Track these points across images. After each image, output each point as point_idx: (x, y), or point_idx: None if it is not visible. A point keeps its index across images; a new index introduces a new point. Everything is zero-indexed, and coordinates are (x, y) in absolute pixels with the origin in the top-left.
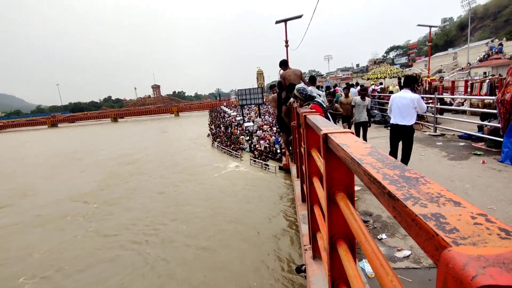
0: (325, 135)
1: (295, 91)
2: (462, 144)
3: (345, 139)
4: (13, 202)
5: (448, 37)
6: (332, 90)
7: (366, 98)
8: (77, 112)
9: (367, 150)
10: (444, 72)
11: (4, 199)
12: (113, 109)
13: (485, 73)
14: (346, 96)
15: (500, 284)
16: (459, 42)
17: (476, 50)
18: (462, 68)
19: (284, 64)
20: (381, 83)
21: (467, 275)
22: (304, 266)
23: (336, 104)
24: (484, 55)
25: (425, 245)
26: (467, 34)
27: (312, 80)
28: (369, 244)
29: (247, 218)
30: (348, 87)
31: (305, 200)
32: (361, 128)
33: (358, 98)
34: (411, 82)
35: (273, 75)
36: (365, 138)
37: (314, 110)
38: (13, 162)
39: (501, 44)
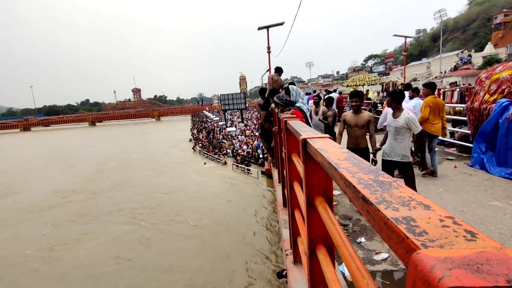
0: (304, 140)
1: (275, 98)
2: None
3: (323, 144)
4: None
5: (422, 47)
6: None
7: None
8: (52, 115)
9: (344, 155)
10: (418, 80)
11: None
12: (91, 113)
13: (454, 82)
14: (317, 105)
15: (465, 286)
16: (432, 52)
17: (448, 60)
18: (436, 77)
19: (279, 70)
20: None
21: (434, 277)
22: (285, 271)
23: (330, 111)
24: (455, 65)
25: (396, 248)
26: (440, 45)
27: (286, 90)
28: (346, 247)
29: (228, 221)
30: (329, 91)
31: (286, 205)
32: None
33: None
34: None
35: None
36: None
37: (294, 116)
38: None
39: (470, 55)
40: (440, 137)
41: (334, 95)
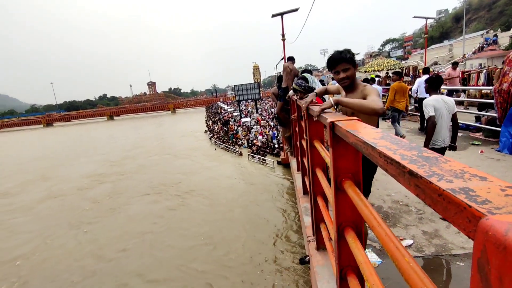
0: (332, 123)
1: (293, 84)
2: (460, 134)
3: (353, 126)
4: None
5: (443, 29)
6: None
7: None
8: (72, 110)
9: (379, 134)
10: (439, 64)
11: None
12: (108, 107)
13: (480, 64)
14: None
15: None
16: (454, 33)
17: (472, 42)
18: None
19: (292, 59)
20: (378, 76)
21: (510, 240)
22: (308, 257)
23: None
24: (479, 47)
25: (455, 218)
26: (463, 26)
27: (303, 78)
28: (382, 228)
29: (247, 210)
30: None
31: (306, 192)
32: None
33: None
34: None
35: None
36: None
37: (315, 102)
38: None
39: (496, 35)
40: (462, 121)
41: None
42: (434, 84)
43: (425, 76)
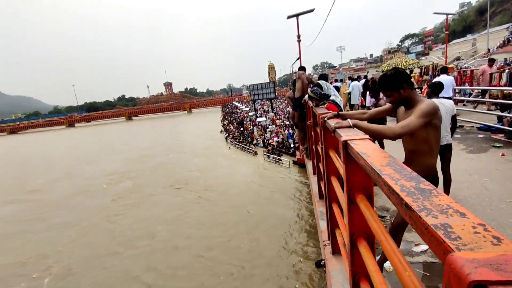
0: (345, 142)
1: (309, 92)
2: (481, 136)
3: (364, 147)
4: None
5: (466, 23)
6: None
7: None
8: (92, 111)
9: (386, 160)
10: (462, 59)
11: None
12: (127, 108)
13: (505, 59)
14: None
15: (485, 279)
16: (478, 27)
17: (496, 36)
18: (482, 55)
19: (304, 69)
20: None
21: (463, 273)
22: (323, 261)
23: (381, 101)
24: (504, 40)
25: (435, 249)
26: (487, 19)
27: (324, 78)
28: (388, 243)
29: (261, 208)
30: (352, 79)
31: (322, 197)
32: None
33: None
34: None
35: (284, 68)
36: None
37: (335, 113)
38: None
39: None
40: (484, 123)
41: (356, 84)
42: (435, 90)
43: (443, 76)
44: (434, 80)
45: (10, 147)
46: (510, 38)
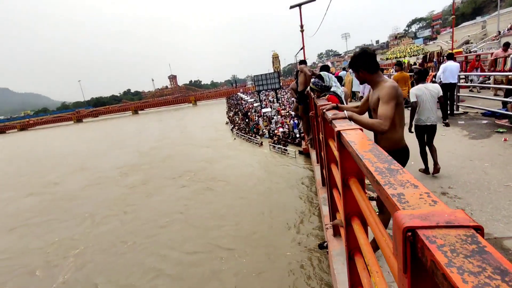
0: (338, 132)
1: (310, 84)
2: (485, 122)
3: (354, 136)
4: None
5: (476, 4)
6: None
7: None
8: (99, 106)
9: (369, 147)
10: (471, 43)
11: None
12: (133, 102)
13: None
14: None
15: (413, 225)
16: (488, 9)
17: (507, 17)
18: (492, 39)
19: (305, 62)
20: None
21: (401, 222)
22: (326, 243)
23: None
24: None
25: (391, 211)
26: (497, 0)
27: (325, 69)
28: (372, 217)
29: (267, 197)
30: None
31: (325, 184)
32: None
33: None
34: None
35: (289, 58)
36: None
37: (330, 103)
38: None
39: None
40: (487, 108)
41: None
42: (421, 76)
43: (450, 62)
44: (442, 66)
45: (23, 143)
46: None
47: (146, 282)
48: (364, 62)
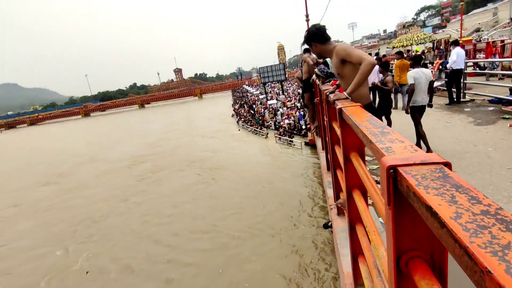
0: (340, 109)
1: (316, 70)
2: (491, 109)
3: (353, 111)
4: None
5: None
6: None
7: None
8: (105, 100)
9: (367, 117)
10: (482, 30)
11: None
12: (139, 96)
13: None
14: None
15: (395, 164)
16: None
17: None
18: (504, 26)
19: (309, 51)
20: (408, 50)
21: (385, 163)
22: (330, 222)
23: (388, 77)
24: None
25: (380, 160)
26: None
27: (325, 63)
28: (373, 187)
29: (273, 185)
30: None
31: (329, 168)
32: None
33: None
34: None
35: (294, 49)
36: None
37: (334, 86)
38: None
39: None
40: (494, 95)
41: None
42: (416, 61)
43: (457, 48)
44: (455, 52)
45: (34, 137)
46: None
47: (160, 261)
48: (314, 35)
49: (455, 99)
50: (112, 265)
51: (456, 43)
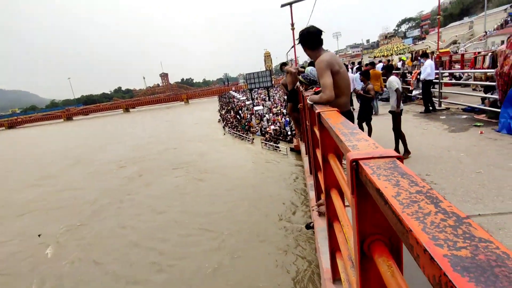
0: (319, 113)
1: (300, 77)
2: (464, 117)
3: (330, 115)
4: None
5: (463, 5)
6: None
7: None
8: (89, 104)
9: (340, 120)
10: (459, 43)
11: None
12: (124, 100)
13: (503, 41)
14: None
15: (357, 158)
16: (475, 9)
17: (494, 18)
18: (479, 39)
19: (285, 64)
20: (388, 60)
21: (350, 157)
22: (312, 223)
23: (369, 85)
24: (502, 23)
25: (347, 156)
26: (484, 1)
27: (313, 65)
28: (345, 183)
29: (258, 188)
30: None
31: (311, 171)
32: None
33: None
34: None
35: (280, 56)
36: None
37: (315, 92)
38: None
39: None
40: (467, 104)
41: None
42: (389, 69)
43: (428, 60)
44: (427, 63)
45: (14, 141)
46: (508, 20)
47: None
48: (304, 39)
49: (430, 108)
50: (96, 266)
51: (426, 55)
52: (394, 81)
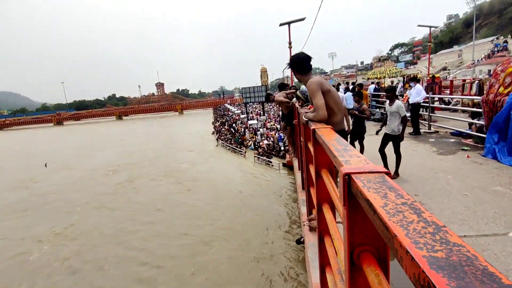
0: (313, 130)
1: (298, 92)
2: (452, 140)
3: (324, 132)
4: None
5: (453, 34)
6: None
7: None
8: (81, 110)
9: (334, 137)
10: (449, 69)
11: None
12: (117, 107)
13: (489, 70)
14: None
15: (349, 172)
16: (464, 39)
17: (481, 47)
18: (468, 66)
19: (271, 94)
20: (378, 83)
21: (343, 171)
22: (302, 238)
23: (364, 106)
24: (489, 53)
25: (340, 170)
26: (473, 31)
27: (281, 87)
28: (337, 197)
29: (248, 201)
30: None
31: (304, 187)
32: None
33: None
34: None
35: (277, 72)
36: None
37: (311, 110)
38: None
39: (506, 42)
40: (455, 128)
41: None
42: (395, 92)
43: (418, 85)
44: (419, 88)
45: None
46: (495, 51)
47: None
48: (294, 64)
49: (419, 130)
50: (86, 266)
51: (415, 79)
52: (403, 107)
